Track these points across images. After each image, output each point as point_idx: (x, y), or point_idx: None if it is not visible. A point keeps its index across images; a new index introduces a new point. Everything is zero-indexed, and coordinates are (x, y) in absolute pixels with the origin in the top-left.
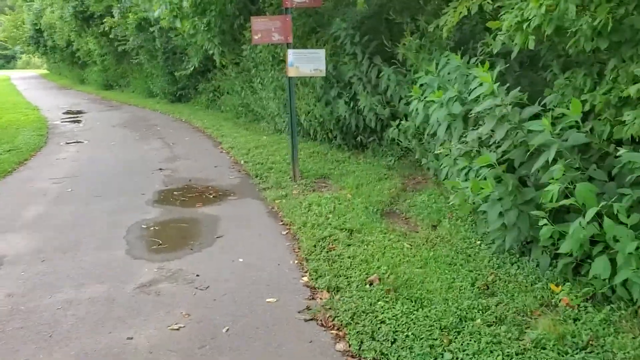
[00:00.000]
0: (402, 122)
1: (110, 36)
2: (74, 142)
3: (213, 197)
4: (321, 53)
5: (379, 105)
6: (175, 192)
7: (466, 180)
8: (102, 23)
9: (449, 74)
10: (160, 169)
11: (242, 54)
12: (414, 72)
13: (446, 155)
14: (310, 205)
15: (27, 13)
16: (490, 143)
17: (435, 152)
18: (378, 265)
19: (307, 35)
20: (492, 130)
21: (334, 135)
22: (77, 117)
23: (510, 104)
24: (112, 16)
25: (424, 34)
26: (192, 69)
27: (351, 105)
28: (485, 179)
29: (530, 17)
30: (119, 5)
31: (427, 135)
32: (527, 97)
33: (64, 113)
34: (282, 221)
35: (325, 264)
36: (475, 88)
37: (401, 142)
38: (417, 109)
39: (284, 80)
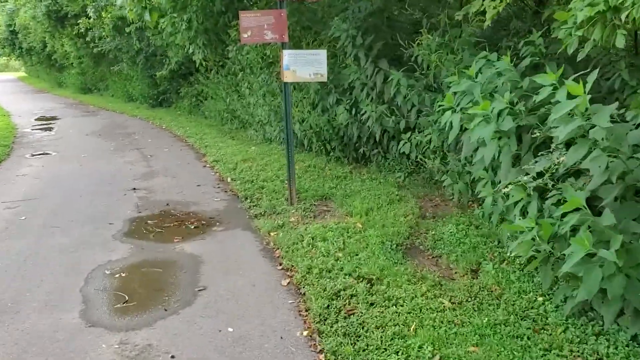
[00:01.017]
0: (414, 133)
1: (87, 38)
2: (41, 155)
3: (195, 227)
4: (322, 54)
5: (386, 114)
6: (149, 221)
7: (524, 217)
8: (77, 24)
9: (490, 79)
10: (134, 189)
11: (228, 56)
12: (434, 77)
13: (507, 189)
14: (314, 239)
15: (0, 14)
16: (563, 172)
17: (475, 174)
18: (419, 344)
19: (300, 35)
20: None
21: (332, 146)
22: (50, 124)
23: (606, 127)
24: (88, 17)
25: (446, 31)
26: (168, 69)
27: (352, 113)
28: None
29: (624, 4)
30: (93, 3)
31: (453, 152)
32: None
33: (36, 119)
34: (280, 264)
35: (346, 342)
36: (558, 103)
37: (414, 157)
38: (450, 123)
39: (274, 85)
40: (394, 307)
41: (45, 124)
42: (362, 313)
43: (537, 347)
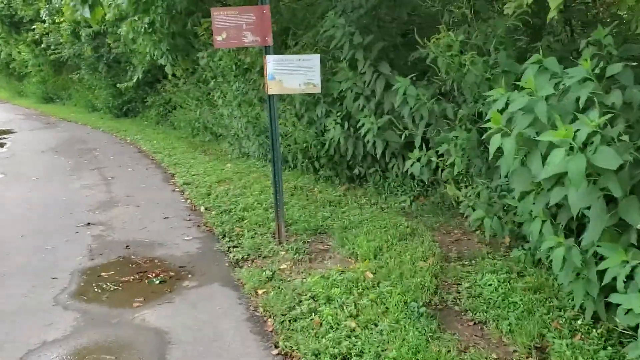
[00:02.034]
0: (422, 151)
1: (42, 45)
2: None
3: (160, 282)
4: (314, 60)
5: (392, 127)
6: (104, 273)
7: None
8: (33, 29)
9: (555, 92)
10: (89, 224)
11: (198, 62)
12: (456, 84)
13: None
14: (316, 300)
15: None
16: None
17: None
18: None
19: (279, 37)
20: None
21: (321, 164)
22: (3, 138)
23: None
24: (43, 21)
25: (471, 26)
26: (134, 80)
27: (345, 126)
28: None
29: None
30: (47, 6)
31: (483, 176)
32: None
33: None
34: (276, 346)
35: None
36: None
37: (426, 179)
38: (507, 149)
39: (251, 94)
40: None
41: None
42: None
43: None
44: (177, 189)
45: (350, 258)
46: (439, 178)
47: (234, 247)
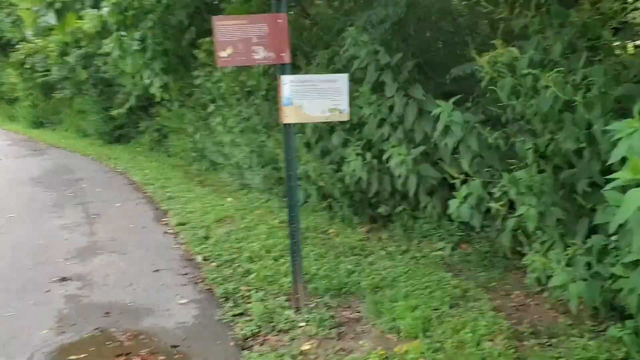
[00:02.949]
0: (470, 187)
1: (26, 66)
2: None
3: None
4: (341, 81)
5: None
6: (73, 357)
7: None
8: (17, 50)
9: None
10: (63, 279)
11: (195, 83)
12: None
13: None
14: None
15: None
16: None
17: None
18: None
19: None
20: None
21: (338, 201)
22: None
23: None
24: (27, 41)
25: (544, 37)
26: (126, 106)
27: (366, 158)
28: None
29: None
30: (33, 26)
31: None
32: None
33: None
34: None
35: None
36: None
37: (477, 225)
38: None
39: (256, 119)
40: None
41: None
42: None
43: None
44: (171, 231)
45: (391, 334)
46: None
47: (238, 315)
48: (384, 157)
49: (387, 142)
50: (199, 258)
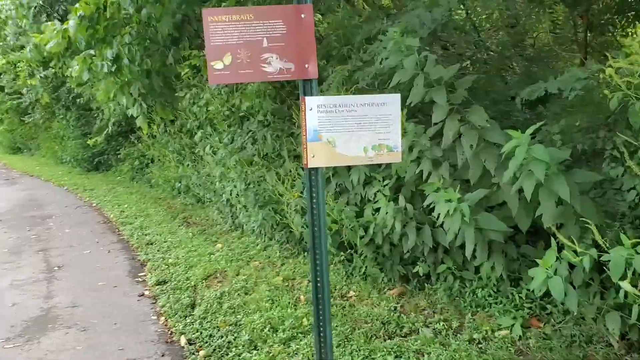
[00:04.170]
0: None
1: None
2: None
3: None
4: (392, 103)
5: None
6: None
7: None
8: None
9: None
10: None
11: (180, 107)
12: None
13: None
14: None
15: None
16: None
17: None
18: None
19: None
20: None
21: (360, 255)
22: None
23: None
24: None
25: None
26: (104, 134)
27: (398, 203)
28: None
29: None
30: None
31: None
32: None
33: None
34: None
35: None
36: None
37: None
38: None
39: (250, 149)
40: None
41: None
42: None
43: None
44: (148, 292)
45: None
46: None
47: None
48: (425, 203)
49: (428, 184)
50: (183, 340)
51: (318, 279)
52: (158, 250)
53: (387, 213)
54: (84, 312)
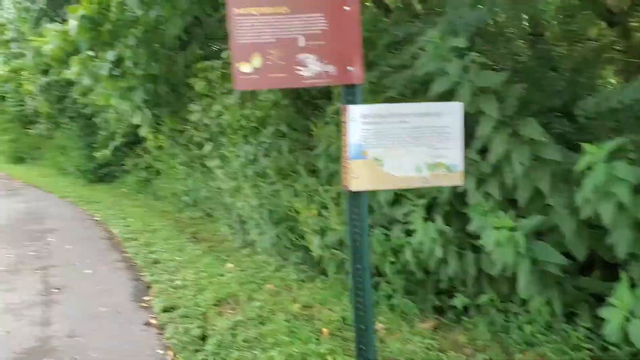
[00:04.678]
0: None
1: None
2: None
3: None
4: (452, 113)
5: None
6: None
7: None
8: None
9: None
10: None
11: (191, 119)
12: None
13: None
14: None
15: None
16: None
17: None
18: None
19: None
20: None
21: (389, 283)
22: None
23: None
24: None
25: None
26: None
27: (438, 226)
28: None
29: None
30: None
31: None
32: None
33: None
34: None
35: None
36: None
37: None
38: None
39: (264, 162)
40: None
41: None
42: None
43: None
44: (153, 320)
45: None
46: None
47: None
48: (472, 227)
49: (471, 207)
50: None
51: (362, 326)
52: (165, 271)
53: (427, 238)
54: (84, 344)
